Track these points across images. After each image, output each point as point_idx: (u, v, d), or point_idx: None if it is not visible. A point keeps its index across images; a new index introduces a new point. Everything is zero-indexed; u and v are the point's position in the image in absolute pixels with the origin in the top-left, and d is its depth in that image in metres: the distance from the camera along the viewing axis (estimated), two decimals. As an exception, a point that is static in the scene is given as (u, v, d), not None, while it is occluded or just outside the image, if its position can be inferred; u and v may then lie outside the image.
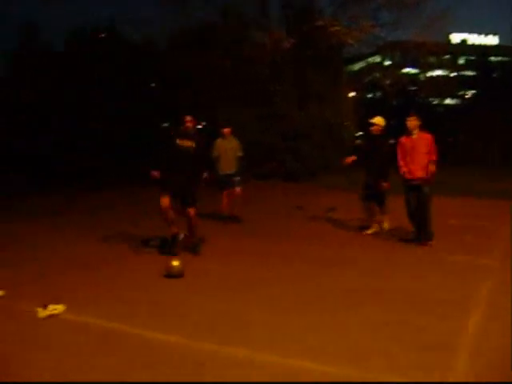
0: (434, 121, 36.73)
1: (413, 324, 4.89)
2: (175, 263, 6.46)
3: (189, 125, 7.49)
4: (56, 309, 5.19)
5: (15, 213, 12.30)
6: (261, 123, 18.19)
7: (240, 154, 10.57)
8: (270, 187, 16.96)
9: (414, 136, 8.06)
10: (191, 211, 7.47)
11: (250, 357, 4.20)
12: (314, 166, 17.97)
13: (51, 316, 5.09)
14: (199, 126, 22.45)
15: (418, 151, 7.99)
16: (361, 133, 27.88)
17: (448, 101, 55.00)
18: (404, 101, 39.61)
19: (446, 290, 5.90)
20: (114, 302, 5.57)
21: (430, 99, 48.74)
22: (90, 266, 7.00)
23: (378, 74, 46.84)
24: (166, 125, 22.17)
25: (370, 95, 45.93)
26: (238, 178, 10.46)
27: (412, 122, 8.07)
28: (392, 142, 8.71)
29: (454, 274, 6.53)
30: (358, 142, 9.76)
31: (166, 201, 7.26)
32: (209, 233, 8.87)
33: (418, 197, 8.02)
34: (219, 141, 10.56)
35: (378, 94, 45.69)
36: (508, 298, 5.55)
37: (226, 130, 10.60)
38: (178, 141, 7.39)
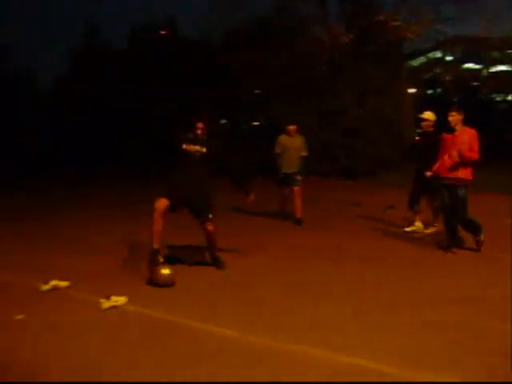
0: (496, 117, 35.65)
1: (473, 326, 4.77)
2: (165, 271, 6.02)
3: (199, 132, 6.71)
4: (118, 300, 5.34)
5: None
6: (318, 120, 18.08)
7: (304, 153, 10.19)
8: (327, 184, 16.87)
9: (457, 132, 7.56)
10: (209, 227, 6.58)
11: (308, 354, 4.22)
12: (369, 163, 17.74)
13: (113, 307, 5.25)
14: (223, 121, 22.51)
15: (457, 148, 7.43)
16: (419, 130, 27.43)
17: (511, 97, 53.26)
18: (465, 97, 38.53)
19: (503, 291, 5.71)
20: (176, 296, 5.70)
21: (493, 95, 47.28)
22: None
23: (438, 70, 45.82)
24: (224, 121, 22.45)
25: (429, 91, 44.97)
26: (298, 177, 10.08)
27: (454, 117, 7.56)
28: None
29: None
30: (417, 138, 9.45)
31: (162, 203, 6.23)
32: (268, 228, 8.92)
33: (451, 198, 7.50)
34: (283, 137, 10.22)
35: (438, 90, 44.77)
36: None
37: (292, 128, 10.19)
38: (184, 146, 6.68)
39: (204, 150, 6.66)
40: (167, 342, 4.47)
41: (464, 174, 7.42)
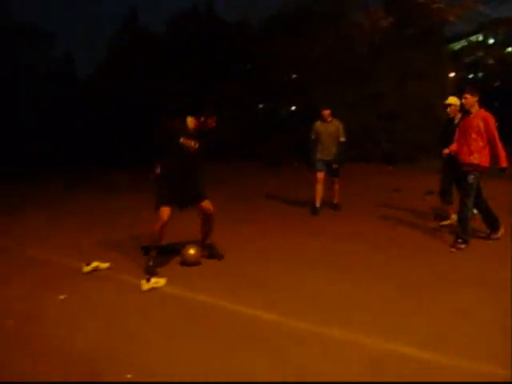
0: (541, 103, 34.65)
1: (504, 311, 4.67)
2: (192, 251, 6.25)
3: (192, 126, 6.20)
4: (158, 282, 5.43)
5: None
6: (358, 103, 17.84)
7: (342, 138, 9.58)
8: (367, 170, 16.67)
9: (472, 115, 7.04)
10: (207, 204, 6.32)
11: (346, 337, 4.21)
12: (410, 147, 17.43)
13: (153, 289, 5.33)
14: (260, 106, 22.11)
15: (470, 132, 7.00)
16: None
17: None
18: (507, 81, 37.46)
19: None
20: (213, 278, 5.76)
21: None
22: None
23: (480, 54, 44.67)
24: (260, 106, 22.36)
25: (471, 75, 43.90)
26: (335, 166, 9.54)
27: (467, 100, 7.02)
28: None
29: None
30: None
31: (165, 213, 5.94)
32: (301, 213, 8.88)
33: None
34: (318, 123, 9.71)
35: (480, 74, 43.63)
36: None
37: (326, 112, 9.59)
38: (182, 139, 6.15)
39: (197, 145, 6.21)
40: (207, 325, 4.52)
41: (478, 159, 6.95)
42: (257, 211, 10.03)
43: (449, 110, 8.22)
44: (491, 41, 47.20)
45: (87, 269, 5.96)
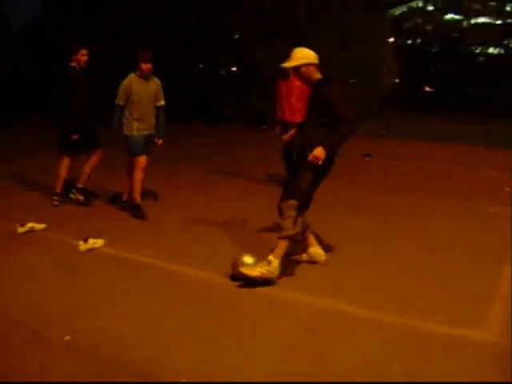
0: (476, 70, 35.68)
1: (447, 271, 4.89)
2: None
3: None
4: (96, 242, 5.33)
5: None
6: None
7: None
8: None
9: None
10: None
11: (290, 296, 4.28)
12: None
13: (91, 249, 5.24)
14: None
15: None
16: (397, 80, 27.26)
17: (491, 50, 53.12)
18: (445, 48, 38.33)
19: (484, 241, 5.84)
20: (153, 239, 5.71)
21: (473, 48, 47.11)
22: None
23: (419, 20, 45.35)
24: (201, 66, 21.93)
25: (409, 41, 44.63)
26: None
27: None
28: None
29: (492, 225, 6.44)
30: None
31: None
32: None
33: None
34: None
35: (419, 40, 44.36)
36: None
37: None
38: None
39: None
40: (146, 284, 4.50)
41: None
42: (205, 173, 9.95)
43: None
44: (430, 7, 47.98)
45: (22, 230, 5.77)
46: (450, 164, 10.63)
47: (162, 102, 6.74)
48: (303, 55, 4.63)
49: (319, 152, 4.35)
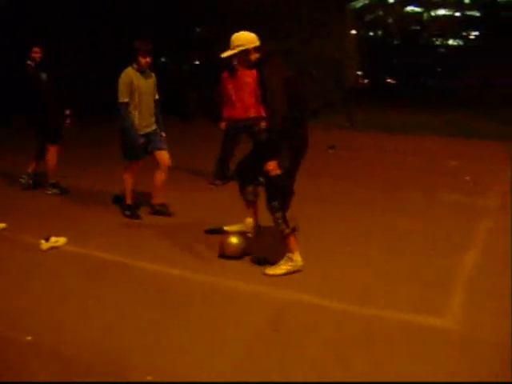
0: (436, 61, 36.23)
1: (409, 261, 4.97)
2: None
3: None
4: (58, 241, 5.25)
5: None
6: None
7: None
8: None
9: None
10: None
11: (250, 289, 4.29)
12: (314, 103, 17.72)
13: (53, 248, 5.16)
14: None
15: None
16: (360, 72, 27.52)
17: (451, 41, 54.03)
18: (406, 40, 38.83)
19: (444, 229, 5.95)
20: (115, 235, 5.64)
21: (433, 39, 47.80)
22: (95, 200, 7.02)
23: (380, 12, 45.81)
24: (163, 59, 21.66)
25: (371, 33, 45.06)
26: None
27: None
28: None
29: (453, 214, 6.56)
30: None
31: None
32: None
33: None
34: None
35: (380, 32, 44.84)
36: (504, 238, 5.62)
37: None
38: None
39: None
40: (111, 282, 4.45)
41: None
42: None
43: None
44: (391, 0, 48.49)
45: (-20, 230, 5.65)
46: (411, 155, 10.79)
47: (157, 96, 6.46)
48: (241, 41, 4.44)
49: (271, 165, 4.33)
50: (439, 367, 3.21)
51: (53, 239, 5.22)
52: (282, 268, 4.56)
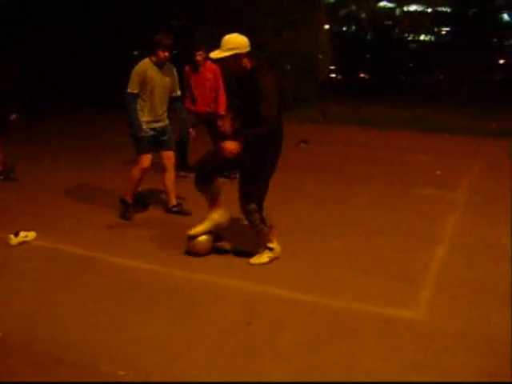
0: (408, 57, 36.53)
1: (380, 254, 5.03)
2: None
3: None
4: (27, 236, 5.18)
5: None
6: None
7: None
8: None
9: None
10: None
11: (223, 282, 4.30)
12: (286, 97, 17.69)
13: (23, 243, 5.09)
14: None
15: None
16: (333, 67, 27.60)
17: (423, 37, 54.50)
18: (379, 35, 39.05)
19: (415, 223, 6.02)
20: (86, 230, 5.59)
21: (405, 35, 48.16)
22: (65, 193, 6.95)
23: (354, 7, 45.98)
24: (136, 53, 21.40)
25: (344, 28, 45.23)
26: None
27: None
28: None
29: (422, 208, 6.65)
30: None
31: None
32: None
33: None
34: None
35: (353, 27, 44.99)
36: (472, 231, 5.73)
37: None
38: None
39: None
40: (82, 276, 4.42)
41: None
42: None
43: None
44: (364, -5, 48.56)
45: None
46: (383, 149, 10.88)
47: (179, 93, 6.25)
48: (234, 45, 4.35)
49: (231, 145, 4.30)
50: (407, 357, 3.27)
51: (22, 234, 5.15)
52: (265, 257, 4.70)
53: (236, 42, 4.40)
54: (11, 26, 15.01)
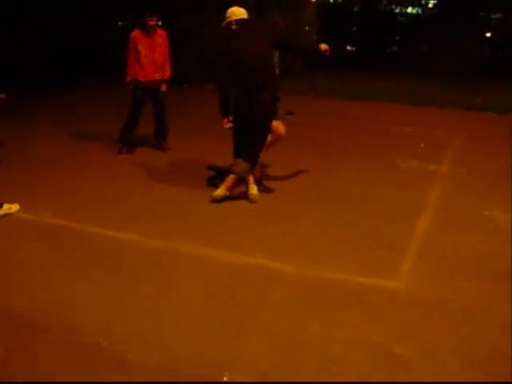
0: (396, 29, 36.35)
1: (363, 226, 5.07)
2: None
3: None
4: (11, 208, 5.16)
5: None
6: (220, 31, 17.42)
7: None
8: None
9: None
10: None
11: (206, 253, 4.33)
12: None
13: (6, 215, 5.07)
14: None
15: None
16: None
17: (410, 9, 54.13)
18: (365, 7, 38.75)
19: (398, 195, 6.06)
20: (70, 201, 5.57)
21: (392, 7, 47.83)
22: (49, 164, 6.90)
23: (341, -22, 45.52)
24: (120, 23, 21.06)
25: (331, 0, 44.81)
26: None
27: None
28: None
29: (406, 180, 6.69)
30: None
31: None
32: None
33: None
34: None
35: (340, -1, 44.68)
36: (455, 203, 5.78)
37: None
38: None
39: None
40: (66, 247, 4.42)
41: None
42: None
43: None
44: (351, -35, 47.97)
45: None
46: (369, 121, 10.87)
47: None
48: (243, 11, 5.53)
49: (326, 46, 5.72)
50: (389, 327, 3.33)
51: (5, 206, 5.13)
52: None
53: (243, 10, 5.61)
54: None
